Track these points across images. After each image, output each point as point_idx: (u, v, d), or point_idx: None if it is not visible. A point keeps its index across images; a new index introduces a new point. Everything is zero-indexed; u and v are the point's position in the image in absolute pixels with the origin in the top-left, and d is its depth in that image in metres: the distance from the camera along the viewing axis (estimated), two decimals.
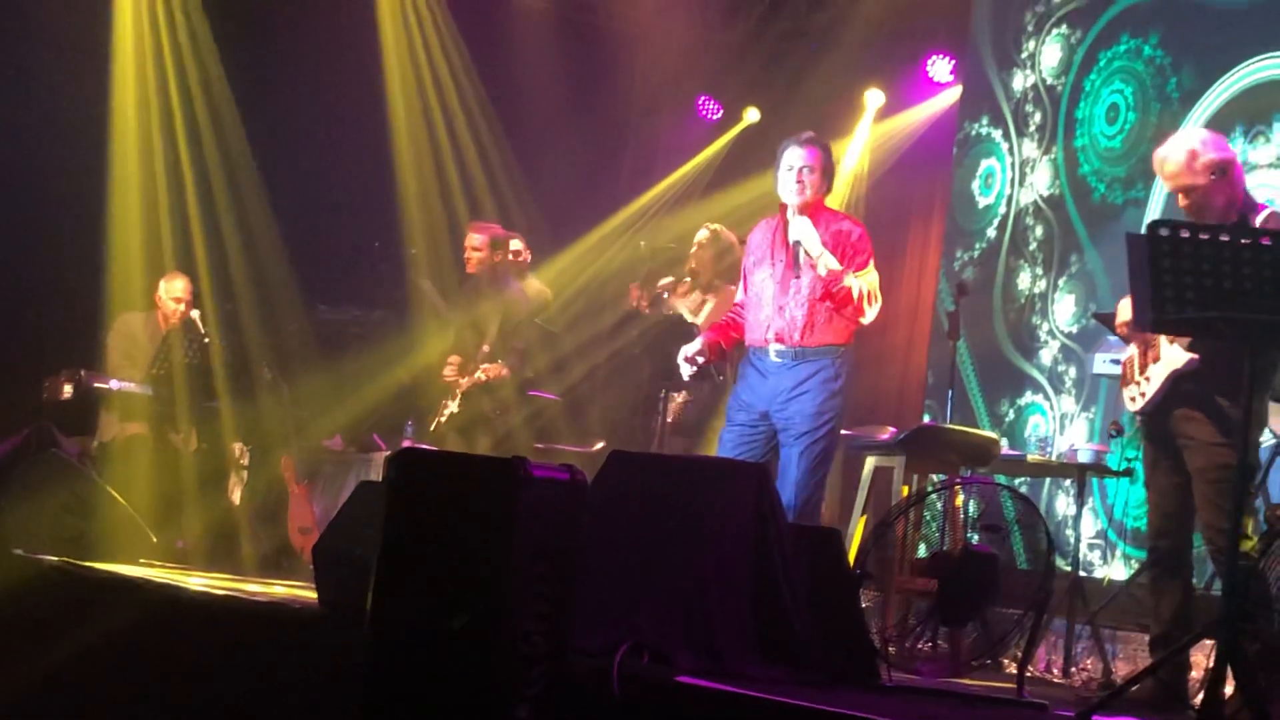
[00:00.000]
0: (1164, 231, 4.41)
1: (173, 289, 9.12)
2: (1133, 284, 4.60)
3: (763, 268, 6.70)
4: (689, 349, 6.80)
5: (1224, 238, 4.40)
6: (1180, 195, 5.73)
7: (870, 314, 6.57)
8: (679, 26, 12.21)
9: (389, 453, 9.50)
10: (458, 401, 8.97)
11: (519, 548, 4.00)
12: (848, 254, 6.54)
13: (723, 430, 6.81)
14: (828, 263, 6.47)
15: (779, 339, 6.56)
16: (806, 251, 6.52)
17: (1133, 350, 5.92)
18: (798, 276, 6.55)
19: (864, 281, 6.51)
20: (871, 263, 6.60)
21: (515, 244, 9.58)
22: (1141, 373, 5.80)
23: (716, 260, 8.61)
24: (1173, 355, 5.64)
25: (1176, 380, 5.63)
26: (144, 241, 9.74)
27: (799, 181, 6.60)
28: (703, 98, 12.64)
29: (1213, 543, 5.59)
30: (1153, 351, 5.76)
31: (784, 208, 6.66)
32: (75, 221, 9.65)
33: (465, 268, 9.25)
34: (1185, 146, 5.68)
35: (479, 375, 8.95)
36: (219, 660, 5.20)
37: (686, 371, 6.84)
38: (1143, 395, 5.78)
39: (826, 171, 6.70)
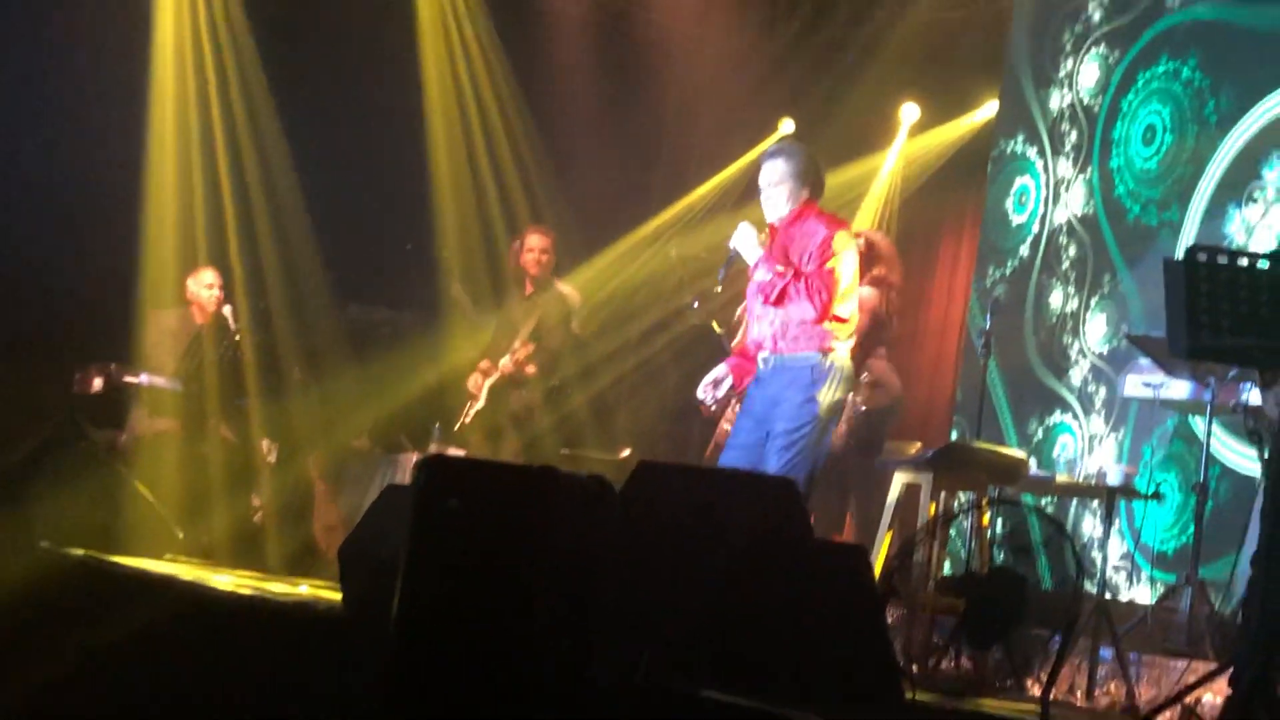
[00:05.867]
0: (1202, 257, 4.38)
1: (202, 279, 9.19)
2: (1169, 309, 4.57)
3: (753, 278, 6.77)
4: (706, 379, 6.81)
5: (1263, 265, 4.37)
6: None
7: (843, 308, 6.54)
8: (717, 34, 12.19)
9: (416, 455, 9.52)
10: (484, 398, 8.98)
11: (546, 557, 3.99)
12: (808, 256, 6.54)
13: (730, 437, 6.83)
14: (767, 266, 6.53)
15: (759, 347, 6.64)
16: (746, 259, 6.60)
17: None
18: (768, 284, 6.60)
19: (811, 278, 6.48)
20: (833, 265, 6.53)
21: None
22: None
23: None
24: None
25: None
26: (178, 237, 9.77)
27: (768, 199, 6.70)
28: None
29: None
30: None
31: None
32: (109, 215, 9.66)
33: (528, 270, 9.18)
34: None
35: (504, 362, 8.94)
36: (242, 659, 5.20)
37: (708, 401, 6.83)
38: None
39: (797, 179, 6.68)
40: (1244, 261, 4.38)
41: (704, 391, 6.81)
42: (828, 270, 6.52)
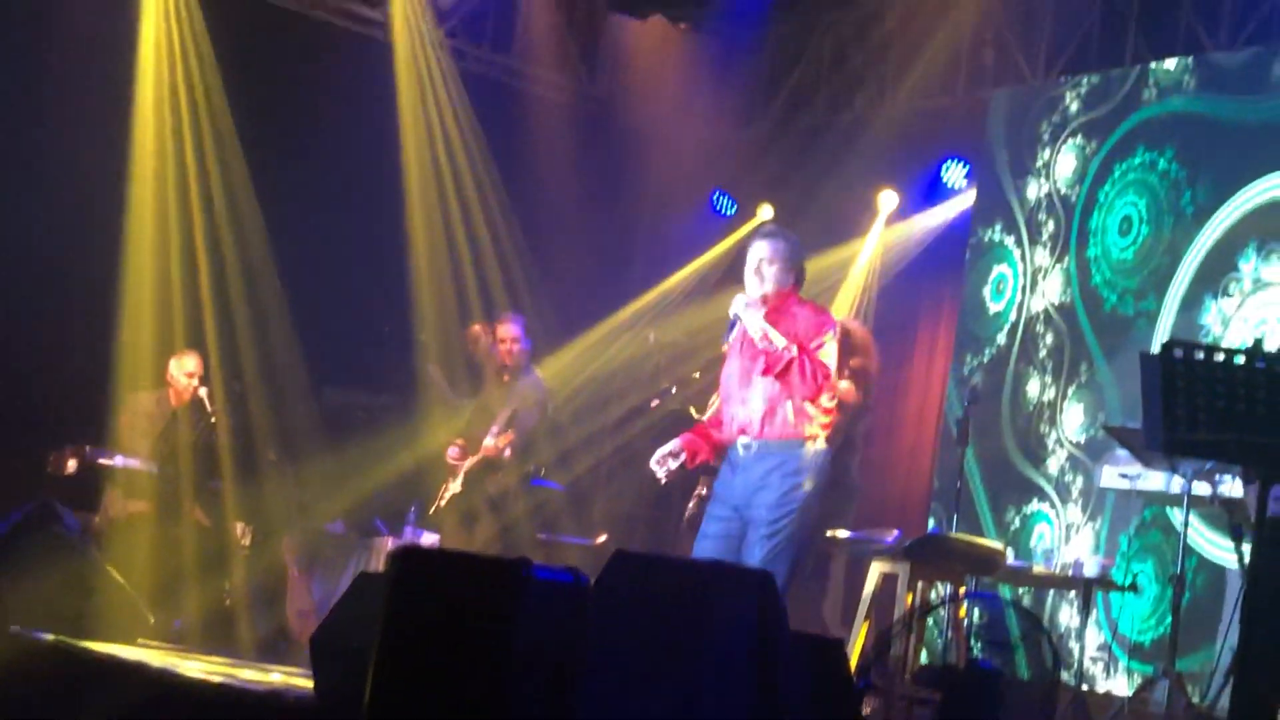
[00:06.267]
0: (1178, 353, 4.38)
1: (184, 365, 9.16)
2: (1145, 402, 4.57)
3: (731, 360, 6.71)
4: (662, 450, 6.74)
5: (1239, 360, 4.37)
6: None
7: (826, 398, 6.51)
8: (697, 122, 12.27)
9: (391, 541, 9.47)
10: (460, 482, 8.96)
11: (520, 649, 3.96)
12: (802, 333, 6.50)
13: (703, 526, 6.75)
14: (771, 336, 6.46)
15: (742, 431, 6.55)
16: (747, 328, 6.52)
17: None
18: (753, 365, 6.53)
19: (812, 357, 6.45)
20: (827, 347, 6.52)
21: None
22: None
23: None
24: None
25: None
26: (155, 319, 9.75)
27: (758, 274, 6.62)
28: (717, 193, 12.68)
29: None
30: None
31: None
32: (86, 296, 9.66)
33: (499, 359, 9.19)
34: None
35: (487, 443, 8.92)
36: None
37: (660, 474, 6.75)
38: None
39: (788, 261, 6.66)
40: (1220, 356, 4.38)
41: (657, 464, 6.74)
42: (817, 356, 6.51)
